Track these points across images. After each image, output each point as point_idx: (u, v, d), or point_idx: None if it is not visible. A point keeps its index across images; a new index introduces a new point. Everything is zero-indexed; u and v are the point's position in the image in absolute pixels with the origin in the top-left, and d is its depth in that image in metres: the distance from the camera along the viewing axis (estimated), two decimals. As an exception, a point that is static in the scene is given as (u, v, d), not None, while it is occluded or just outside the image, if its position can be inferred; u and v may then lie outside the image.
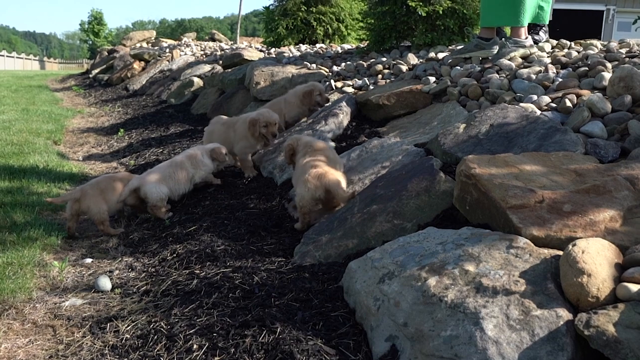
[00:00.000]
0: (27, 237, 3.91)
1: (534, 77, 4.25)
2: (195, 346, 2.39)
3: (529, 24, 5.25)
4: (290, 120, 5.55)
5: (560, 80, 4.07)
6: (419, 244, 2.50)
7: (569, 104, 3.56)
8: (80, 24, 49.69)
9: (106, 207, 4.20)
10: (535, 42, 5.26)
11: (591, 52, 4.65)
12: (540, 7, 5.29)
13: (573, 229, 2.25)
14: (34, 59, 56.74)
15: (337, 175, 3.52)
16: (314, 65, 7.23)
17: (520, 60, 4.81)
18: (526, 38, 5.08)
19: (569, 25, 15.24)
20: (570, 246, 2.02)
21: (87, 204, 4.14)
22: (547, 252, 2.16)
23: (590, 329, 1.77)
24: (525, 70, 4.39)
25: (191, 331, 2.50)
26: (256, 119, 4.63)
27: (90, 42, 48.54)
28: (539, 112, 3.60)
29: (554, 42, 5.41)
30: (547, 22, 5.48)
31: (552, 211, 2.35)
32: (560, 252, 2.10)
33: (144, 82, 13.28)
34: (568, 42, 5.35)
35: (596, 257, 1.95)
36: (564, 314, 1.88)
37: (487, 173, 2.65)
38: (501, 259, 2.17)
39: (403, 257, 2.44)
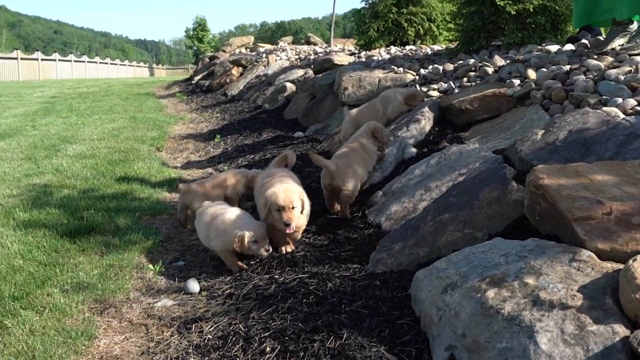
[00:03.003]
0: (127, 241, 4.26)
1: (622, 77, 4.10)
2: (268, 348, 2.56)
3: None
4: (392, 117, 5.68)
5: (650, 81, 3.92)
6: (483, 255, 2.54)
7: (655, 107, 3.43)
8: (185, 31, 51.92)
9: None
10: None
11: (688, 48, 4.42)
12: None
13: (640, 243, 2.21)
14: (144, 66, 60.25)
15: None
16: (401, 69, 7.28)
17: (610, 59, 4.64)
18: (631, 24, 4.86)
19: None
20: (630, 261, 2.00)
21: (190, 199, 4.66)
22: (609, 266, 2.15)
23: (645, 347, 1.76)
24: (614, 71, 4.24)
25: (266, 334, 2.68)
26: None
27: (195, 48, 50.63)
28: (622, 116, 3.50)
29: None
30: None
31: (620, 223, 2.32)
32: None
33: (241, 88, 13.80)
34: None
35: (657, 273, 1.92)
36: (621, 330, 1.88)
37: (556, 183, 2.64)
38: (562, 272, 2.18)
39: (467, 267, 2.49)
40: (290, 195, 3.58)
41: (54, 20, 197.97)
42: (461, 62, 6.70)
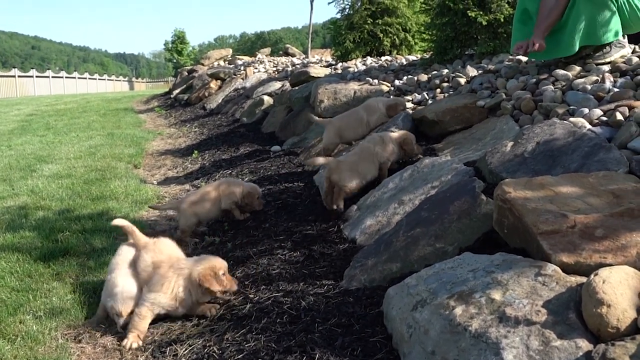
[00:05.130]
0: (103, 263, 4.23)
1: (589, 87, 4.16)
2: (241, 371, 2.56)
3: None
4: (373, 126, 5.73)
5: (616, 90, 3.98)
6: (452, 271, 2.56)
7: (620, 117, 3.48)
8: (164, 44, 51.75)
9: (195, 219, 4.73)
10: None
11: (653, 56, 4.50)
12: None
13: (603, 255, 2.25)
14: (124, 80, 60.06)
15: None
16: (375, 81, 7.33)
17: (578, 69, 4.71)
18: (624, 37, 4.90)
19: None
20: (592, 276, 2.03)
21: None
22: (573, 280, 2.18)
23: (606, 361, 1.79)
24: (580, 81, 4.30)
25: (239, 356, 2.68)
26: (204, 274, 3.26)
27: (175, 61, 50.44)
28: (588, 126, 3.55)
29: (617, 46, 5.23)
30: None
31: (583, 236, 2.36)
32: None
33: (219, 101, 13.79)
34: (632, 46, 5.16)
35: (618, 287, 1.95)
36: (584, 345, 1.91)
37: (522, 197, 2.67)
38: (528, 287, 2.21)
39: (436, 284, 2.51)
40: (221, 260, 3.42)
41: (32, 35, 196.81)
42: (435, 72, 6.76)
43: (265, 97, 10.64)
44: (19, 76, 34.94)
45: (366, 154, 4.57)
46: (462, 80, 5.85)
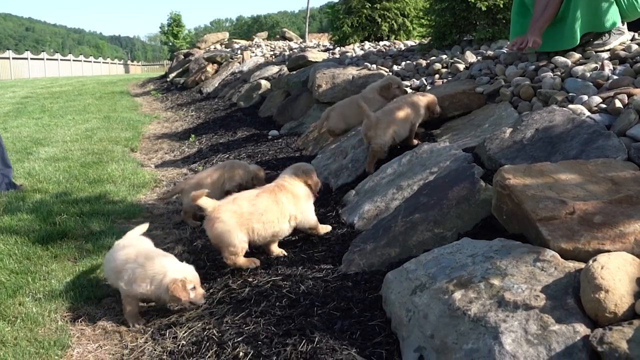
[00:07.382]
0: (101, 246, 4.24)
1: (588, 75, 4.17)
2: (241, 354, 2.58)
3: None
4: None
5: (615, 77, 3.99)
6: (451, 256, 2.58)
7: (619, 104, 3.49)
8: (160, 27, 51.50)
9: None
10: None
11: (652, 44, 4.50)
12: None
13: (602, 241, 2.27)
14: (119, 63, 59.75)
15: None
16: (374, 66, 7.31)
17: (577, 56, 4.71)
18: (623, 24, 4.91)
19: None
20: (590, 261, 2.06)
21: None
22: (572, 266, 2.20)
23: (604, 345, 1.81)
24: (580, 68, 4.31)
25: (239, 339, 2.70)
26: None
27: (171, 44, 50.20)
28: (587, 113, 3.56)
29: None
30: None
31: (582, 223, 2.38)
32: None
33: (216, 85, 13.74)
34: (632, 33, 5.16)
35: (616, 273, 1.97)
36: (582, 329, 1.93)
37: (522, 184, 2.69)
38: (527, 272, 2.23)
39: (435, 269, 2.53)
40: None
41: (26, 17, 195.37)
42: (434, 58, 6.75)
43: (263, 81, 10.61)
44: (13, 58, 34.70)
45: (409, 107, 4.67)
46: (461, 66, 5.85)
